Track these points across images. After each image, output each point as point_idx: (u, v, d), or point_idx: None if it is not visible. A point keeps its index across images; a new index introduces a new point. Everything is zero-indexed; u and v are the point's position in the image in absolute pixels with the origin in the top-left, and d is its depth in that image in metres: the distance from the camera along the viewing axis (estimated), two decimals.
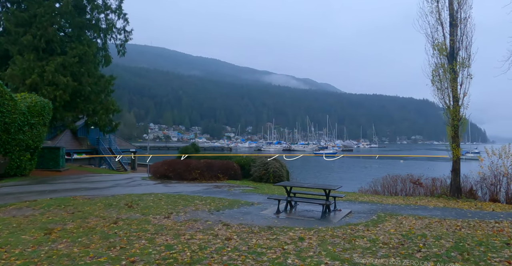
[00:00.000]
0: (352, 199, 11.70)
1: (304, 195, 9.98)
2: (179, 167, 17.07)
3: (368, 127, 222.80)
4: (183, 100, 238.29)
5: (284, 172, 18.06)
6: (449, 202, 11.89)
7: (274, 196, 8.80)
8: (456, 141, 13.88)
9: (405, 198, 13.32)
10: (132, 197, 11.09)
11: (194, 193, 12.22)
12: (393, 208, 9.57)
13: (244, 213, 8.31)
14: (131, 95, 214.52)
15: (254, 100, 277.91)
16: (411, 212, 8.78)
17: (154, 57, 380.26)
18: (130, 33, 25.02)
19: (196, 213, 8.20)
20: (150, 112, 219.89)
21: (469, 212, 9.00)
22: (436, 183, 15.00)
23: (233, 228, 6.48)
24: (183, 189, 13.63)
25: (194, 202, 10.07)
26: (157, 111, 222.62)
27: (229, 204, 9.67)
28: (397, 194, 15.32)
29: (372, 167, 50.50)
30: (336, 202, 9.41)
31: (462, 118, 13.91)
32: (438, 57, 14.48)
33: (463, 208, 10.15)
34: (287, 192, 8.47)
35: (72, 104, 21.75)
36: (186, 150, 21.10)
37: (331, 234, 5.94)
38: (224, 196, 11.55)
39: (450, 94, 14.06)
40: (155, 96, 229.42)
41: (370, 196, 13.89)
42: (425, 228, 6.54)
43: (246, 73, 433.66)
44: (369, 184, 16.82)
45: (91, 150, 32.18)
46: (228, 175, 17.57)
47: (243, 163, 18.62)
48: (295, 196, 9.01)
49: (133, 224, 6.76)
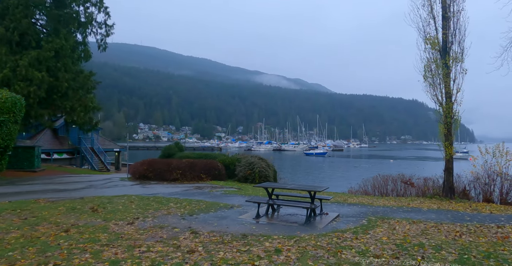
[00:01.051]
0: (341, 200, 10.92)
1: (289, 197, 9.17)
2: (159, 166, 16.11)
3: (358, 128, 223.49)
4: (173, 100, 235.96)
5: (271, 171, 17.23)
6: (442, 203, 11.23)
7: (254, 199, 7.96)
8: (449, 139, 13.25)
9: (396, 199, 12.60)
10: (102, 199, 10.15)
11: (172, 195, 11.31)
12: (384, 210, 8.81)
13: (220, 218, 7.44)
14: (120, 95, 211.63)
15: (245, 100, 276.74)
16: (404, 215, 8.02)
17: (144, 56, 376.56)
18: (112, 27, 23.88)
19: (166, 218, 7.31)
20: (140, 112, 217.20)
21: (466, 215, 8.28)
22: (428, 183, 14.39)
23: (202, 236, 5.61)
24: (161, 190, 12.71)
25: (168, 205, 9.18)
26: (147, 111, 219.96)
27: (206, 207, 8.79)
28: (388, 194, 14.69)
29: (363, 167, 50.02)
30: (323, 205, 8.62)
31: (455, 115, 13.24)
32: (430, 52, 13.84)
33: (459, 210, 9.45)
34: (269, 194, 7.63)
35: (49, 101, 20.56)
36: (169, 149, 20.13)
37: (314, 244, 5.10)
38: (203, 198, 10.68)
39: (442, 90, 13.43)
40: (145, 96, 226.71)
41: (360, 197, 13.15)
42: (422, 235, 5.76)
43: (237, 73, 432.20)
44: (359, 184, 16.12)
45: (72, 149, 30.93)
46: (212, 175, 16.67)
47: (228, 162, 17.73)
48: (277, 199, 8.18)
49: (86, 232, 5.84)
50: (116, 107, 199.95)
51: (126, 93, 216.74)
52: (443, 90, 13.45)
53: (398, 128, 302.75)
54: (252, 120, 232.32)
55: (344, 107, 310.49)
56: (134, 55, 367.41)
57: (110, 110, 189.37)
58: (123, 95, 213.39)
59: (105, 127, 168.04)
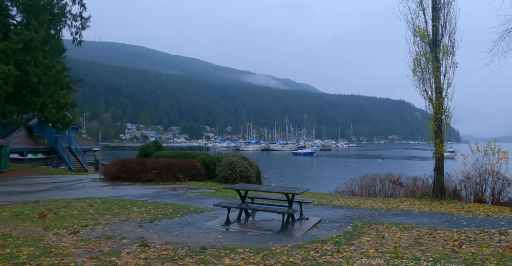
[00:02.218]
0: (325, 202, 10.03)
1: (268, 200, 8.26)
2: (133, 166, 14.99)
3: (347, 127, 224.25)
4: (161, 100, 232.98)
5: (253, 171, 16.27)
6: (433, 204, 10.48)
7: (223, 202, 6.97)
8: (440, 136, 12.52)
9: (384, 200, 11.79)
10: (59, 202, 9.06)
11: (140, 197, 10.28)
12: (372, 214, 7.94)
13: (184, 225, 6.46)
14: (107, 95, 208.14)
15: (234, 100, 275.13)
16: (393, 220, 7.16)
17: (131, 55, 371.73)
18: (88, 20, 22.53)
19: (120, 225, 6.30)
20: (127, 112, 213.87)
21: (462, 218, 7.46)
22: (417, 182, 13.68)
23: (151, 250, 4.62)
24: (131, 192, 11.65)
25: (132, 209, 8.15)
26: (134, 111, 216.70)
27: (173, 212, 7.80)
28: (376, 195, 13.96)
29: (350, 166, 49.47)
30: (305, 208, 7.73)
31: (446, 111, 12.50)
32: (420, 45, 13.12)
33: (452, 212, 8.66)
34: (241, 197, 6.68)
35: (18, 97, 19.19)
36: (147, 148, 18.99)
37: (285, 261, 4.16)
38: (174, 200, 9.67)
39: (432, 85, 12.71)
40: (132, 96, 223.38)
41: (347, 198, 12.30)
42: (415, 246, 4.87)
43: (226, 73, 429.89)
44: (346, 184, 15.33)
45: (48, 149, 29.46)
46: (190, 175, 15.64)
47: (208, 162, 16.72)
48: (252, 202, 7.24)
49: (11, 245, 4.80)
50: (103, 107, 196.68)
51: (113, 92, 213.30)
52: (433, 85, 12.74)
53: (386, 128, 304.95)
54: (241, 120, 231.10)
55: (333, 107, 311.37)
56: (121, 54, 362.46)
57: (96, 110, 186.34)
58: (110, 95, 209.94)
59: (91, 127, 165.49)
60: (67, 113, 24.42)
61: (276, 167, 49.81)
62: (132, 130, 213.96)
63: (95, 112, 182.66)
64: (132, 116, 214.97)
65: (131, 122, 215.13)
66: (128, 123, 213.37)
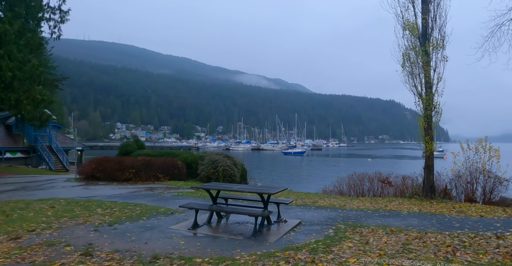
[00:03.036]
0: (309, 203, 9.39)
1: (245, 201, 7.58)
2: (109, 165, 14.19)
3: (337, 127, 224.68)
4: (152, 100, 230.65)
5: (238, 170, 15.58)
6: (423, 204, 9.93)
7: (191, 204, 6.25)
8: (430, 134, 11.98)
9: (372, 199, 11.21)
10: (19, 204, 8.27)
11: (111, 198, 9.53)
12: (357, 215, 7.32)
13: (147, 229, 5.76)
14: (97, 94, 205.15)
15: (225, 100, 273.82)
16: (380, 221, 6.55)
17: (122, 55, 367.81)
18: (67, 13, 21.62)
19: (73, 230, 5.57)
20: (117, 112, 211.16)
21: (454, 220, 6.89)
22: (406, 181, 13.14)
23: (91, 260, 3.92)
24: (104, 192, 10.89)
25: (95, 210, 7.41)
26: (124, 111, 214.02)
27: (140, 214, 7.08)
28: (364, 194, 13.40)
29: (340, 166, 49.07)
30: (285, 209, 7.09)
31: (436, 107, 11.97)
32: (409, 39, 12.56)
33: (443, 212, 8.10)
34: (212, 197, 6.00)
35: None
36: (127, 147, 18.18)
37: None
38: (147, 201, 8.95)
39: (422, 80, 12.17)
40: (122, 95, 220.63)
41: (333, 198, 11.69)
42: (403, 253, 4.25)
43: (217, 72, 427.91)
44: (334, 183, 14.73)
45: (27, 148, 28.36)
46: (171, 174, 14.90)
47: (190, 160, 16.00)
48: (226, 204, 6.57)
49: None
50: (92, 107, 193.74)
51: (103, 92, 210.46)
52: (423, 80, 12.21)
53: (376, 128, 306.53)
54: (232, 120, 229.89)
55: (324, 107, 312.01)
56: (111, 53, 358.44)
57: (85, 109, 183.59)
58: (99, 94, 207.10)
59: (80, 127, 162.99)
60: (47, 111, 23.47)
61: (265, 166, 49.18)
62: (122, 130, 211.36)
63: (84, 111, 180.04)
64: (122, 116, 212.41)
65: (121, 122, 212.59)
66: (118, 123, 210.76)
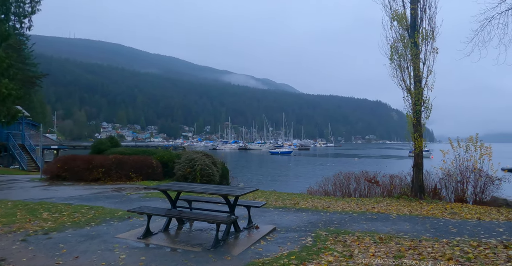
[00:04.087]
0: (289, 204, 8.51)
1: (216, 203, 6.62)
2: (77, 164, 13.06)
3: (325, 127, 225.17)
4: (138, 99, 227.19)
5: (217, 170, 14.60)
6: (412, 205, 9.18)
7: (141, 208, 5.22)
8: (419, 130, 11.26)
9: (359, 200, 10.42)
10: None
11: (68, 200, 8.48)
12: (341, 219, 6.47)
13: (89, 238, 4.79)
14: (82, 93, 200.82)
15: (213, 100, 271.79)
16: (367, 226, 5.71)
17: (108, 53, 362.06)
18: (38, 3, 20.35)
19: None
20: (103, 111, 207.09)
21: (449, 224, 6.10)
22: (394, 181, 12.41)
23: None
24: (64, 193, 9.82)
25: (40, 215, 6.39)
26: (110, 110, 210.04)
27: (90, 218, 6.09)
28: (351, 194, 12.66)
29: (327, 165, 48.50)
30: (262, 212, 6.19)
31: (425, 102, 11.25)
32: (398, 31, 11.84)
33: (436, 215, 7.34)
34: (171, 200, 5.06)
35: None
36: (100, 144, 17.00)
37: None
38: (107, 203, 7.95)
39: (411, 73, 11.45)
40: (108, 94, 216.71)
41: (317, 198, 10.85)
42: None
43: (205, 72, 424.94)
44: (319, 183, 13.95)
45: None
46: (144, 174, 13.85)
47: (166, 159, 14.96)
48: (190, 208, 5.62)
49: None
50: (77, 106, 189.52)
51: (89, 91, 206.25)
52: (412, 73, 11.48)
53: (363, 128, 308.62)
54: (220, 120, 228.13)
55: (311, 107, 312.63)
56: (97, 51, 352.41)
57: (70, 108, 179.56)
58: (85, 93, 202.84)
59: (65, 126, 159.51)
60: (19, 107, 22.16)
61: (251, 166, 48.27)
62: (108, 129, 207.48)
63: (69, 111, 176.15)
64: (108, 115, 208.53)
65: (107, 122, 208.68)
66: (103, 122, 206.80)
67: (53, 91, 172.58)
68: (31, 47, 49.79)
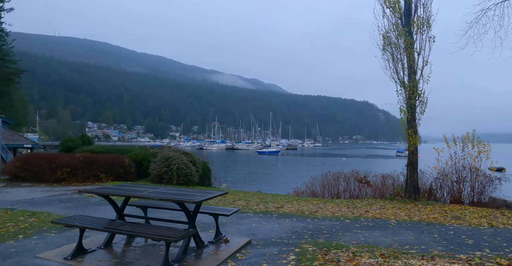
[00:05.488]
0: (272, 209, 7.42)
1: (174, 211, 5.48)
2: (38, 163, 11.73)
3: (313, 127, 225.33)
4: (125, 98, 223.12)
5: (195, 169, 13.43)
6: (408, 207, 8.26)
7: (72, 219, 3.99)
8: (413, 126, 10.35)
9: (349, 202, 9.44)
10: None
11: (14, 204, 7.25)
12: (332, 226, 5.42)
13: (0, 258, 3.62)
14: (67, 92, 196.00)
15: (201, 100, 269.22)
16: (363, 237, 4.68)
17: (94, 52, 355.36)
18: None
19: None
20: (88, 110, 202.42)
21: (460, 232, 5.11)
22: (387, 181, 11.50)
23: None
24: (15, 196, 8.54)
25: None
26: (96, 109, 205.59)
27: (24, 228, 4.91)
28: (340, 195, 11.75)
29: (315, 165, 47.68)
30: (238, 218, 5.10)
31: (421, 96, 10.33)
32: (391, 20, 10.90)
33: (438, 220, 6.39)
34: (117, 209, 3.92)
35: None
36: (70, 142, 15.64)
37: None
38: (57, 208, 6.75)
39: (405, 65, 10.51)
40: (94, 93, 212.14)
41: (304, 201, 9.79)
42: None
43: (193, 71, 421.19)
44: (306, 183, 12.97)
45: None
46: (116, 174, 12.59)
47: (141, 158, 13.74)
48: (145, 217, 4.48)
49: None
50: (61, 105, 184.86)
51: (74, 90, 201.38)
52: (406, 64, 10.54)
53: (350, 129, 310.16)
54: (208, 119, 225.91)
55: (299, 107, 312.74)
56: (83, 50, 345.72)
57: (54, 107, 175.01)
58: (70, 92, 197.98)
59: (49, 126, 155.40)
60: None
61: (238, 166, 47.09)
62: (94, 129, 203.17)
63: (53, 110, 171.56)
64: (94, 115, 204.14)
65: (93, 121, 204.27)
66: (89, 122, 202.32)
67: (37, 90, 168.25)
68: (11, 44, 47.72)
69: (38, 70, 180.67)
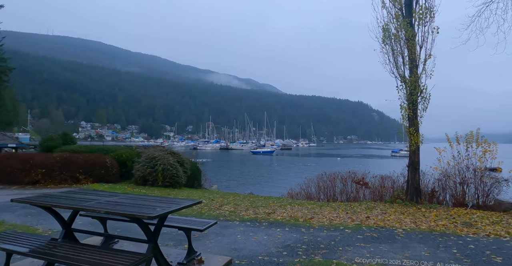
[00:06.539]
0: (261, 215, 6.61)
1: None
2: (10, 164, 10.83)
3: (307, 127, 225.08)
4: (119, 98, 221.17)
5: (183, 170, 12.58)
6: (410, 211, 7.59)
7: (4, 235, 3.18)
8: (415, 124, 9.61)
9: (347, 205, 8.67)
10: None
11: None
12: (330, 238, 4.63)
13: None
14: (60, 91, 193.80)
15: (195, 99, 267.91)
16: (368, 253, 3.90)
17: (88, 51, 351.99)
18: None
19: None
20: (82, 110, 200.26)
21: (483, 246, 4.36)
22: (386, 182, 10.79)
23: None
24: None
25: None
26: (89, 109, 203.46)
27: None
28: (336, 198, 11.06)
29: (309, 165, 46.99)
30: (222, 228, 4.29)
31: (423, 91, 9.59)
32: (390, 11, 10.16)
33: (449, 228, 5.65)
34: (63, 223, 3.09)
35: None
36: (50, 141, 14.67)
37: None
38: (16, 216, 5.94)
39: (406, 58, 9.78)
40: (87, 93, 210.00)
41: (297, 205, 9.00)
42: None
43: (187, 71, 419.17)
44: (301, 185, 12.26)
45: None
46: (96, 175, 11.71)
47: (125, 158, 12.86)
48: (104, 233, 3.64)
49: None
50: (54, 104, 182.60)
51: (67, 89, 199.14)
52: (407, 58, 9.80)
53: (345, 129, 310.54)
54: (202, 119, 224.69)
55: (294, 107, 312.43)
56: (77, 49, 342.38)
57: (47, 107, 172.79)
58: (63, 92, 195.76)
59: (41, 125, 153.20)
60: None
61: (232, 166, 46.25)
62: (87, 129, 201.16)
63: (46, 109, 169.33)
64: (87, 115, 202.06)
65: (86, 121, 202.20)
66: (82, 121, 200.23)
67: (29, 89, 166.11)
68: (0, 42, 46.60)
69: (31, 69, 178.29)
